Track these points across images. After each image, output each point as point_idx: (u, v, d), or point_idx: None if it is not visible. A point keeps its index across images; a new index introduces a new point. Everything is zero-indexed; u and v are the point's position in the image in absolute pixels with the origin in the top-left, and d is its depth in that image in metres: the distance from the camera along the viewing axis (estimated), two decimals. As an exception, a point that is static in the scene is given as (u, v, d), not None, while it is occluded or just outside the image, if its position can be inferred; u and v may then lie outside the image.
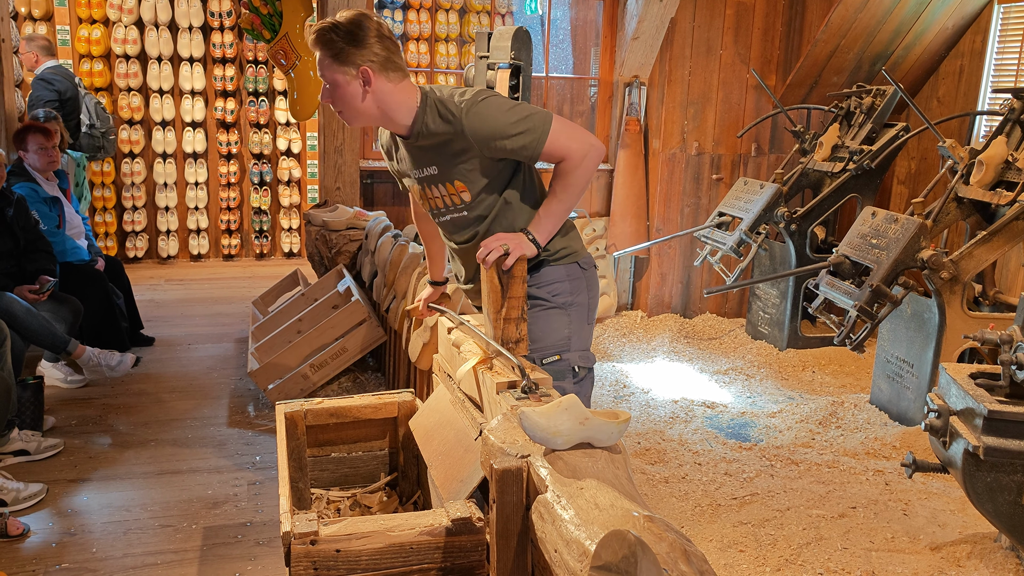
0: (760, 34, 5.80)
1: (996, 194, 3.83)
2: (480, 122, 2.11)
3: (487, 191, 2.23)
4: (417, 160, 2.26)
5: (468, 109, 2.12)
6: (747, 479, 3.50)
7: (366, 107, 2.16)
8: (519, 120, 2.11)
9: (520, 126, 2.11)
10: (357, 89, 2.14)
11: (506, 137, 2.11)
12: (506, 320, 2.07)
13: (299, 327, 4.20)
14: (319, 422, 2.45)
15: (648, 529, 1.21)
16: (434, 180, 2.25)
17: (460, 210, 2.27)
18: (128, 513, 3.05)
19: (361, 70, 2.11)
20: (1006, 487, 2.45)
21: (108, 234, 6.99)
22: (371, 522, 1.75)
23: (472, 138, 2.13)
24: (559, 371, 2.32)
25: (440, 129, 2.16)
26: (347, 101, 2.16)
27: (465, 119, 2.12)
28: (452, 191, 2.24)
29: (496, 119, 2.11)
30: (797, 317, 5.22)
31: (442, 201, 2.28)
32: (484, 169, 2.19)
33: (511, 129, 2.11)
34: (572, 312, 2.34)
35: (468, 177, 2.20)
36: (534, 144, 2.11)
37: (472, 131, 2.12)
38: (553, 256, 2.31)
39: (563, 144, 2.13)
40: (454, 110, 2.13)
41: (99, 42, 6.65)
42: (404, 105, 2.18)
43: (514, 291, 2.07)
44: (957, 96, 5.38)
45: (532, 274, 2.30)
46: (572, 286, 2.33)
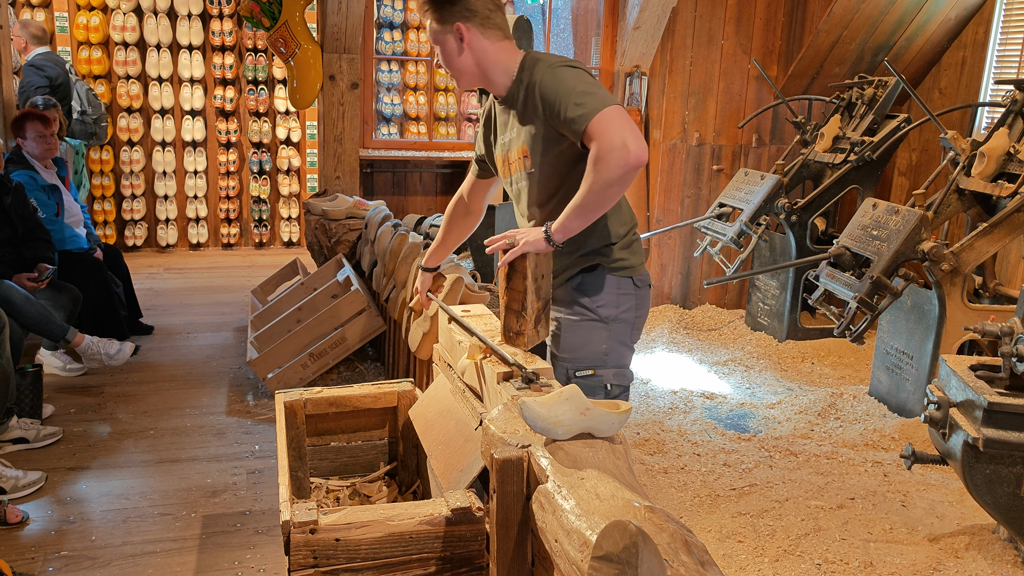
0: (762, 24, 5.78)
1: (997, 186, 3.82)
2: (553, 84, 2.07)
3: (548, 167, 2.17)
4: (507, 124, 2.25)
5: (548, 71, 2.10)
6: (746, 470, 3.51)
7: (464, 64, 2.16)
8: (583, 92, 2.03)
9: (581, 97, 2.03)
10: (454, 46, 2.15)
11: (566, 104, 2.04)
12: (507, 309, 2.06)
13: (298, 316, 4.19)
14: (318, 411, 2.45)
15: (649, 520, 1.21)
16: (511, 145, 2.24)
17: (523, 179, 2.24)
18: (127, 501, 3.05)
19: (455, 26, 2.12)
20: (1005, 479, 2.45)
21: (107, 222, 6.98)
22: (371, 511, 1.75)
23: (540, 99, 2.10)
24: (591, 387, 2.23)
25: (524, 90, 2.15)
26: (448, 60, 2.17)
27: (542, 79, 2.09)
28: (518, 156, 2.22)
29: (566, 84, 2.06)
30: (797, 308, 5.21)
31: (513, 167, 2.27)
32: (546, 140, 2.14)
33: (573, 97, 2.04)
34: (614, 328, 2.25)
35: (532, 145, 2.17)
36: (583, 118, 2.00)
37: (542, 91, 2.09)
38: (610, 264, 2.23)
39: (605, 127, 1.97)
40: (543, 69, 2.11)
41: (97, 29, 6.62)
42: (501, 65, 2.17)
43: (515, 284, 2.05)
44: (959, 87, 5.36)
45: (583, 278, 2.24)
46: (620, 300, 2.25)
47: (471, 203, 2.60)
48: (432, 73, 6.96)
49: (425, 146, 6.73)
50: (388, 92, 6.96)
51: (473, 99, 7.01)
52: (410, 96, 7.00)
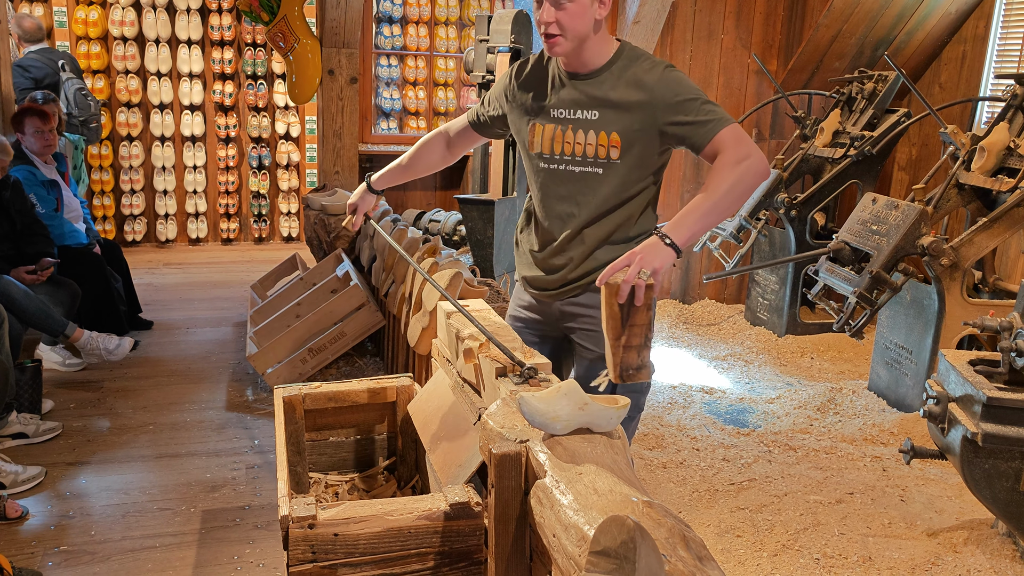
0: (762, 18, 5.76)
1: (997, 180, 3.81)
2: (675, 84, 2.03)
3: (635, 164, 2.11)
4: (580, 101, 2.13)
5: (664, 69, 2.06)
6: (745, 465, 3.51)
7: (586, 26, 2.04)
8: (706, 101, 2.03)
9: (710, 105, 2.02)
10: (592, 13, 2.03)
11: (694, 107, 2.00)
12: (626, 348, 1.81)
13: (298, 311, 4.19)
14: (317, 406, 2.45)
15: (647, 514, 1.21)
16: (589, 126, 2.12)
17: (598, 166, 2.13)
18: (126, 496, 3.05)
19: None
20: (1004, 474, 2.46)
21: (106, 217, 6.97)
22: (369, 506, 1.75)
23: (658, 98, 2.04)
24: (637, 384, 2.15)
25: (627, 77, 2.07)
26: (581, 21, 2.02)
27: (661, 76, 2.04)
28: (604, 142, 2.10)
29: (690, 88, 2.04)
30: (796, 303, 5.21)
31: (583, 149, 2.14)
32: (645, 139, 2.09)
33: (702, 103, 2.01)
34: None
35: (628, 136, 2.08)
36: (715, 124, 1.97)
37: (663, 93, 2.03)
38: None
39: (741, 138, 1.96)
40: (651, 65, 2.07)
41: (96, 24, 6.60)
42: (604, 41, 2.10)
43: (638, 319, 1.80)
44: (959, 82, 5.35)
45: None
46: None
47: (452, 148, 2.51)
48: (431, 68, 6.95)
49: (424, 141, 6.72)
50: (387, 87, 6.95)
51: (473, 94, 7.00)
52: (409, 91, 6.99)
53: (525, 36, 4.89)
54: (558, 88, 2.17)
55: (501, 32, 4.85)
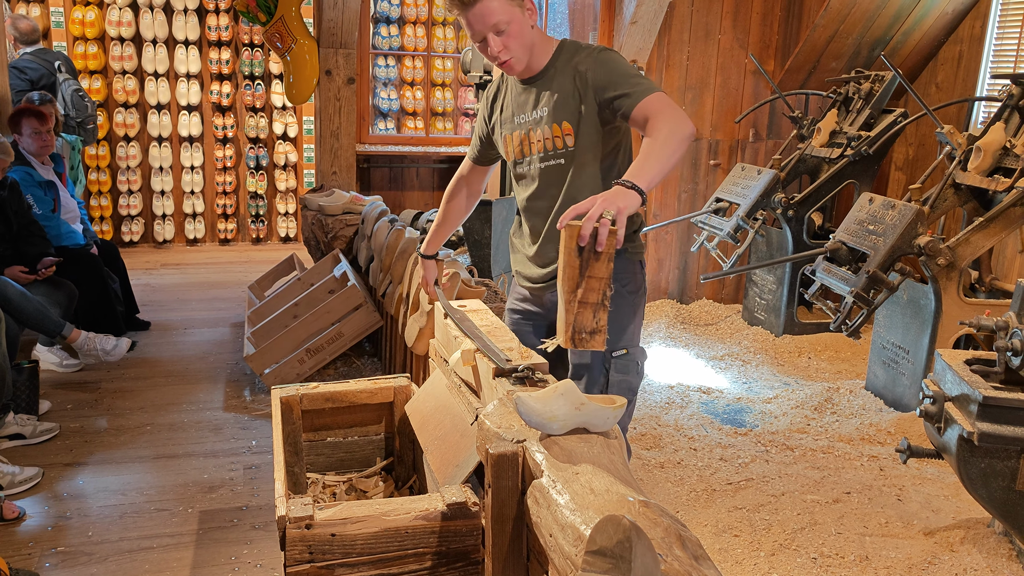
0: (759, 19, 5.77)
1: (994, 180, 3.82)
2: (606, 63, 2.12)
3: (589, 145, 2.19)
4: (529, 103, 2.24)
5: (598, 54, 2.14)
6: (742, 464, 3.51)
7: (529, 46, 2.15)
8: (636, 75, 2.11)
9: (637, 78, 2.09)
10: (528, 21, 2.13)
11: (621, 83, 2.08)
12: (581, 304, 1.63)
13: (295, 312, 4.19)
14: (315, 407, 2.45)
15: (643, 514, 1.21)
16: (540, 122, 2.22)
17: (559, 156, 2.22)
18: (124, 497, 3.05)
19: (526, 1, 2.12)
20: (1000, 473, 2.46)
21: (104, 218, 6.96)
22: (366, 506, 1.75)
23: (592, 81, 2.12)
24: (626, 365, 2.30)
25: (567, 69, 2.16)
26: (524, 36, 2.12)
27: (595, 59, 2.13)
28: (558, 133, 2.20)
29: (619, 67, 2.11)
30: (794, 303, 5.22)
31: (542, 145, 2.24)
32: (590, 119, 2.16)
33: (628, 78, 2.09)
34: (635, 307, 2.33)
35: (576, 121, 2.17)
36: (640, 92, 2.04)
37: (595, 73, 2.12)
38: (632, 247, 2.29)
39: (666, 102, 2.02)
40: (587, 53, 2.16)
41: (93, 24, 6.60)
42: (543, 42, 2.21)
43: (597, 270, 1.62)
44: (956, 82, 5.36)
45: None
46: (630, 280, 2.31)
47: (471, 186, 2.61)
48: (429, 68, 6.95)
49: (422, 141, 6.73)
50: (385, 87, 6.95)
51: (470, 94, 7.00)
52: (407, 91, 6.99)
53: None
54: (515, 96, 2.29)
55: (498, 32, 4.85)
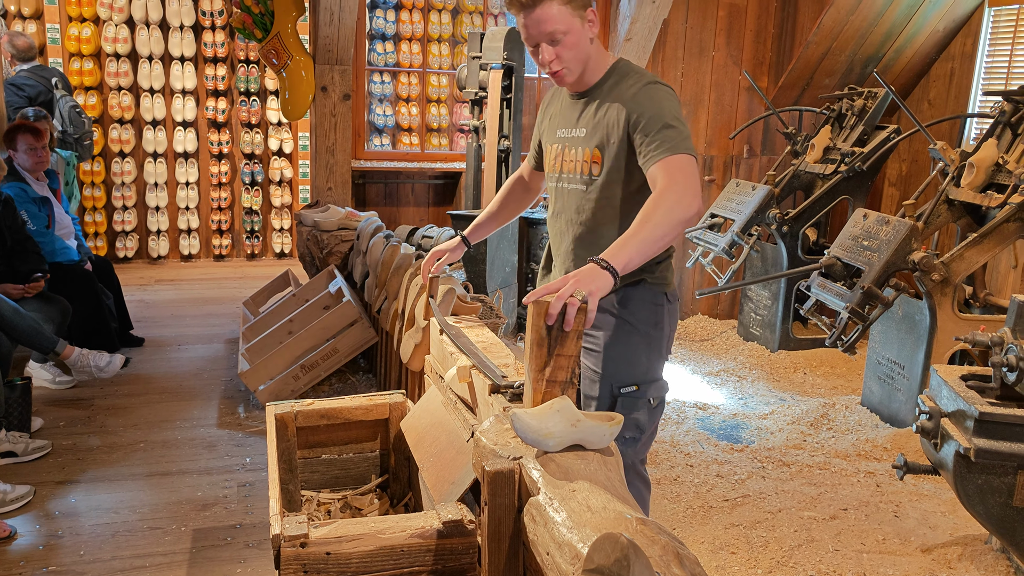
0: (752, 36, 5.81)
1: (987, 196, 3.84)
2: (647, 100, 2.03)
3: (614, 180, 2.11)
4: (573, 119, 2.18)
5: (644, 87, 2.05)
6: (739, 481, 3.50)
7: (584, 58, 2.08)
8: (676, 121, 1.99)
9: (668, 129, 1.98)
10: (587, 34, 2.05)
11: (652, 128, 1.98)
12: (549, 382, 1.59)
13: (290, 328, 4.18)
14: (310, 423, 2.44)
15: (641, 532, 1.21)
16: (577, 142, 2.16)
17: (582, 183, 2.16)
18: (116, 515, 3.03)
19: (589, 12, 2.04)
20: (997, 489, 2.46)
21: (98, 234, 6.95)
22: (361, 524, 1.74)
23: (628, 114, 2.03)
24: (634, 403, 2.19)
25: (613, 93, 2.09)
26: (580, 48, 2.05)
27: (639, 91, 2.05)
28: (587, 159, 2.14)
29: (659, 108, 2.01)
30: (789, 319, 5.23)
31: (573, 166, 2.18)
32: (621, 154, 2.08)
33: (662, 126, 1.98)
34: (652, 341, 2.21)
35: (606, 151, 2.10)
36: (664, 150, 1.96)
37: (633, 108, 2.03)
38: (652, 280, 2.17)
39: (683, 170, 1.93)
40: (635, 80, 2.07)
41: (89, 41, 6.61)
42: (600, 57, 2.13)
43: (566, 348, 1.58)
44: (948, 99, 5.40)
45: (625, 292, 2.16)
46: (656, 313, 2.20)
47: (531, 182, 2.52)
48: (424, 84, 6.98)
49: (417, 157, 6.74)
50: (380, 103, 6.97)
51: (465, 110, 7.02)
52: (402, 107, 7.01)
53: (517, 53, 4.92)
54: (564, 108, 2.23)
55: (493, 49, 4.87)
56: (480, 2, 6.98)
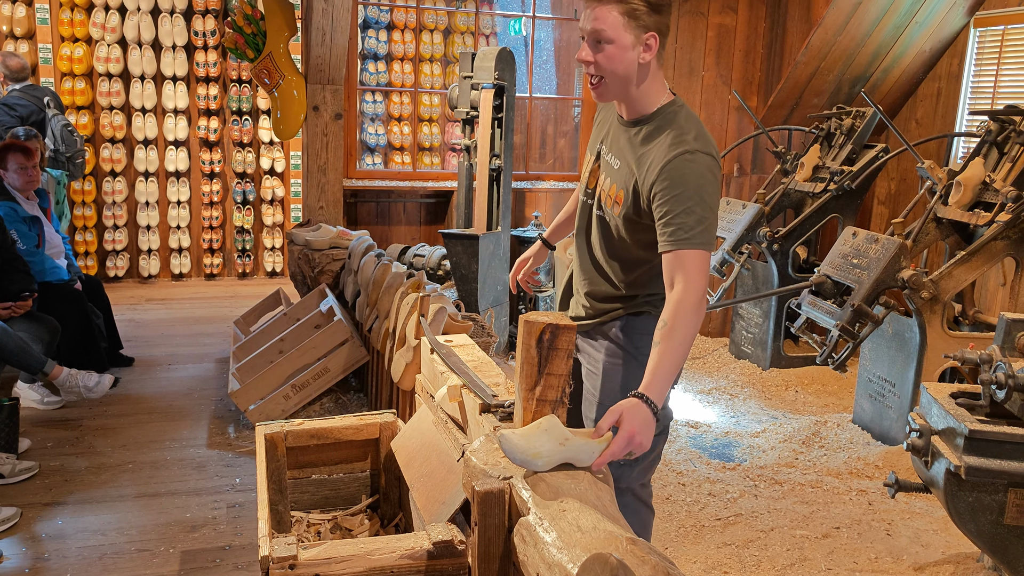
0: (741, 56, 5.86)
1: (974, 215, 3.87)
2: (681, 173, 1.91)
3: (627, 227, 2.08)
4: (618, 147, 2.12)
5: (677, 158, 1.93)
6: (731, 499, 3.49)
7: (631, 77, 1.99)
8: (699, 204, 1.89)
9: (695, 209, 1.88)
10: (634, 57, 1.97)
11: (673, 209, 1.90)
12: (540, 402, 1.61)
13: (281, 347, 4.16)
14: (300, 443, 2.42)
15: (631, 552, 1.20)
16: (611, 173, 2.11)
17: (603, 212, 2.15)
18: (104, 537, 3.00)
19: (648, 35, 1.96)
20: (988, 507, 2.46)
21: (88, 253, 6.93)
22: (351, 545, 1.73)
23: (659, 175, 1.93)
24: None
25: (651, 137, 2.01)
26: (620, 63, 1.97)
27: (669, 161, 1.93)
28: (612, 194, 2.09)
29: (690, 181, 1.90)
30: (780, 337, 5.24)
31: (599, 193, 2.15)
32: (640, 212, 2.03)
33: (688, 200, 1.89)
34: None
35: (626, 196, 2.04)
36: (680, 240, 1.88)
37: (667, 170, 1.93)
38: (656, 312, 2.12)
39: (699, 268, 1.87)
40: (672, 142, 1.96)
41: (81, 61, 6.62)
42: (653, 92, 2.04)
43: (555, 367, 1.60)
44: (935, 118, 5.45)
45: (628, 320, 2.17)
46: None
47: None
48: (416, 104, 7.01)
49: (409, 176, 6.76)
50: (372, 122, 6.99)
51: (457, 129, 7.05)
52: (394, 126, 7.04)
53: (509, 73, 4.95)
54: (614, 128, 2.17)
55: (485, 69, 4.90)
56: (471, 22, 7.03)
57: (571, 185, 6.42)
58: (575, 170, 6.76)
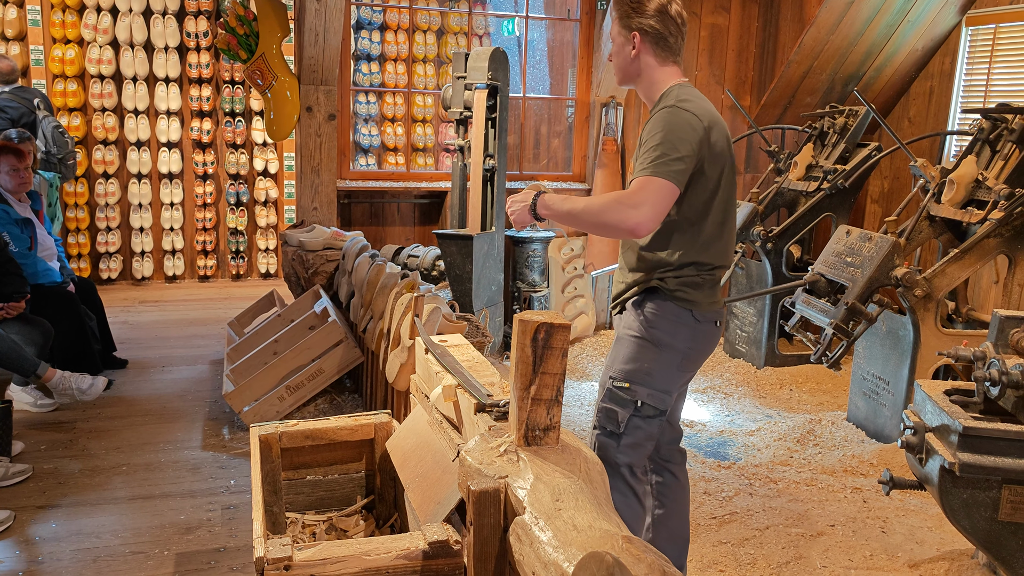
0: (734, 55, 5.87)
1: (967, 212, 3.88)
2: (650, 124, 2.27)
3: None
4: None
5: (659, 112, 2.28)
6: (726, 498, 3.50)
7: (631, 70, 2.39)
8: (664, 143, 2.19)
9: (648, 151, 2.20)
10: (628, 52, 2.36)
11: (644, 148, 2.23)
12: (535, 400, 1.58)
13: (275, 348, 4.15)
14: (294, 444, 2.42)
15: (626, 550, 1.20)
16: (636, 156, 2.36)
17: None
18: (98, 540, 2.98)
19: (632, 35, 2.34)
20: (982, 503, 2.46)
21: (81, 255, 6.90)
22: (346, 546, 1.72)
23: (642, 134, 2.29)
24: (621, 398, 2.36)
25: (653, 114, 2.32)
26: (619, 57, 2.39)
27: (652, 117, 2.29)
28: (631, 172, 2.34)
29: (655, 131, 2.22)
30: (774, 335, 5.24)
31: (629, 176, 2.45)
32: None
33: (645, 149, 2.21)
34: (664, 352, 2.36)
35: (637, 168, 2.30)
36: (637, 170, 2.21)
37: (646, 127, 2.29)
38: (667, 290, 2.34)
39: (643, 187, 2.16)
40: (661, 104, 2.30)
41: (73, 62, 6.60)
42: (656, 84, 2.37)
43: (550, 366, 1.57)
44: (927, 116, 5.47)
45: (646, 297, 2.37)
46: (676, 329, 2.35)
47: None
48: (410, 104, 7.00)
49: (403, 176, 6.75)
50: (366, 123, 6.98)
51: (450, 130, 7.05)
52: (388, 127, 7.03)
53: (502, 73, 4.94)
54: None
55: (478, 69, 4.90)
56: (465, 23, 7.02)
57: (565, 185, 6.42)
58: (569, 170, 6.76)
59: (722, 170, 2.32)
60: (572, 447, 1.62)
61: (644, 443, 2.40)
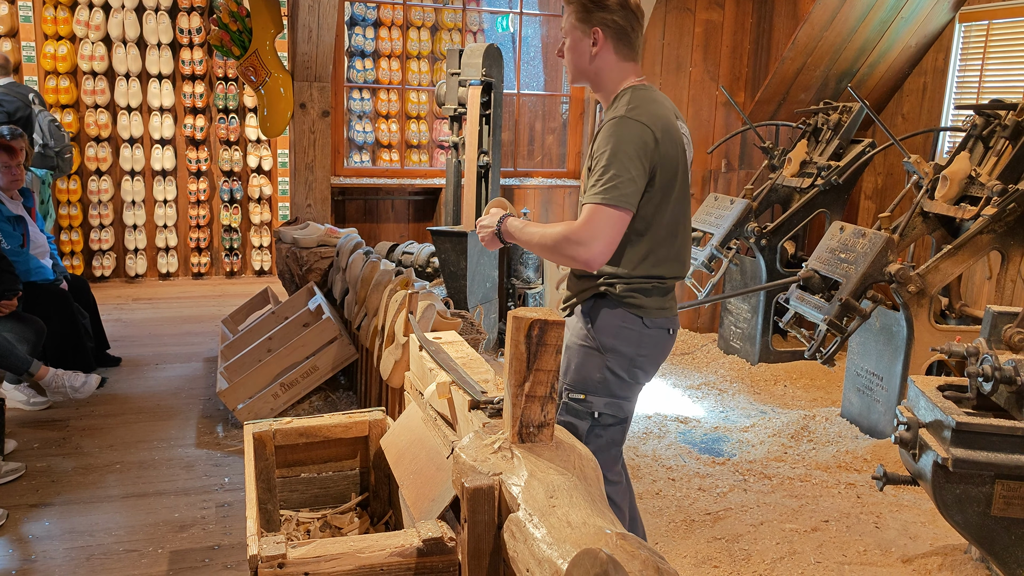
0: (728, 52, 5.87)
1: (960, 208, 3.89)
2: (600, 138, 2.16)
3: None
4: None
5: (608, 122, 2.17)
6: (721, 494, 3.50)
7: (588, 68, 2.27)
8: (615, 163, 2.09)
9: (607, 173, 2.09)
10: (587, 48, 2.25)
11: (596, 168, 2.13)
12: (529, 397, 1.59)
13: (269, 346, 4.14)
14: (288, 442, 2.41)
15: (620, 547, 1.20)
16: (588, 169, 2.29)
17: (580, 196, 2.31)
18: (91, 538, 2.98)
19: (593, 30, 2.22)
20: (975, 498, 2.47)
21: (74, 253, 6.88)
22: (341, 544, 1.72)
23: (594, 145, 2.19)
24: (577, 410, 2.31)
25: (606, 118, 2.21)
26: (574, 54, 2.27)
27: (605, 125, 2.18)
28: (583, 178, 2.28)
29: (606, 147, 2.12)
30: (768, 331, 5.25)
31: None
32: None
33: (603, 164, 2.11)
34: (610, 358, 2.27)
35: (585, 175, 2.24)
36: (588, 197, 2.13)
37: (597, 139, 2.18)
38: (616, 296, 2.26)
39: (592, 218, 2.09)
40: (613, 111, 2.19)
41: (65, 59, 6.57)
42: (613, 83, 2.27)
43: (544, 362, 1.57)
44: (921, 113, 5.48)
45: (594, 303, 2.30)
46: (621, 333, 2.26)
47: None
48: (404, 101, 6.99)
49: (397, 173, 6.74)
50: (360, 120, 6.97)
51: (445, 126, 7.04)
52: (382, 124, 7.02)
53: (496, 70, 4.94)
54: None
55: (472, 66, 4.89)
56: (459, 19, 7.01)
57: (559, 182, 6.42)
58: (564, 167, 6.76)
59: (672, 178, 2.21)
60: (566, 444, 1.62)
61: (608, 448, 2.35)
